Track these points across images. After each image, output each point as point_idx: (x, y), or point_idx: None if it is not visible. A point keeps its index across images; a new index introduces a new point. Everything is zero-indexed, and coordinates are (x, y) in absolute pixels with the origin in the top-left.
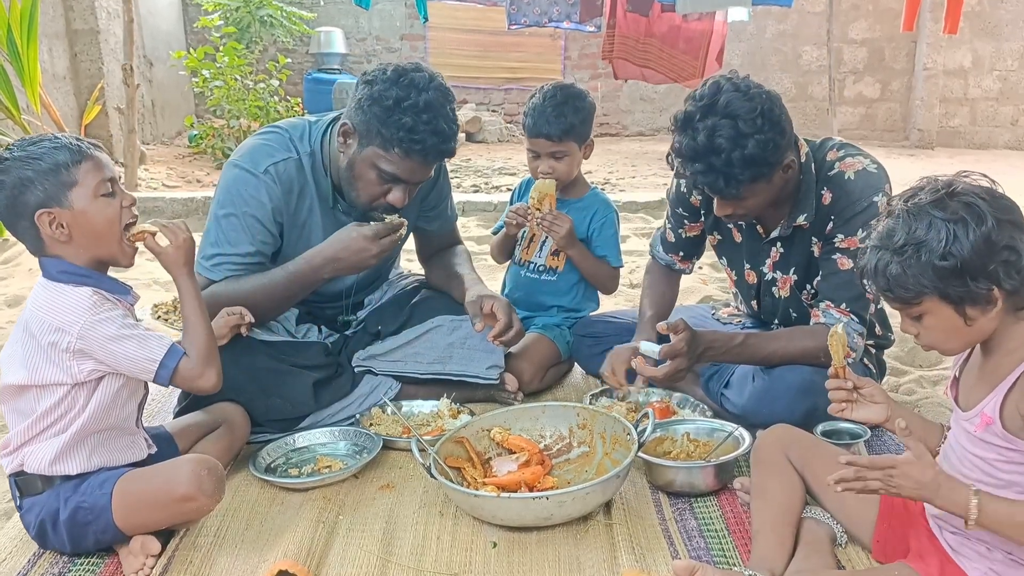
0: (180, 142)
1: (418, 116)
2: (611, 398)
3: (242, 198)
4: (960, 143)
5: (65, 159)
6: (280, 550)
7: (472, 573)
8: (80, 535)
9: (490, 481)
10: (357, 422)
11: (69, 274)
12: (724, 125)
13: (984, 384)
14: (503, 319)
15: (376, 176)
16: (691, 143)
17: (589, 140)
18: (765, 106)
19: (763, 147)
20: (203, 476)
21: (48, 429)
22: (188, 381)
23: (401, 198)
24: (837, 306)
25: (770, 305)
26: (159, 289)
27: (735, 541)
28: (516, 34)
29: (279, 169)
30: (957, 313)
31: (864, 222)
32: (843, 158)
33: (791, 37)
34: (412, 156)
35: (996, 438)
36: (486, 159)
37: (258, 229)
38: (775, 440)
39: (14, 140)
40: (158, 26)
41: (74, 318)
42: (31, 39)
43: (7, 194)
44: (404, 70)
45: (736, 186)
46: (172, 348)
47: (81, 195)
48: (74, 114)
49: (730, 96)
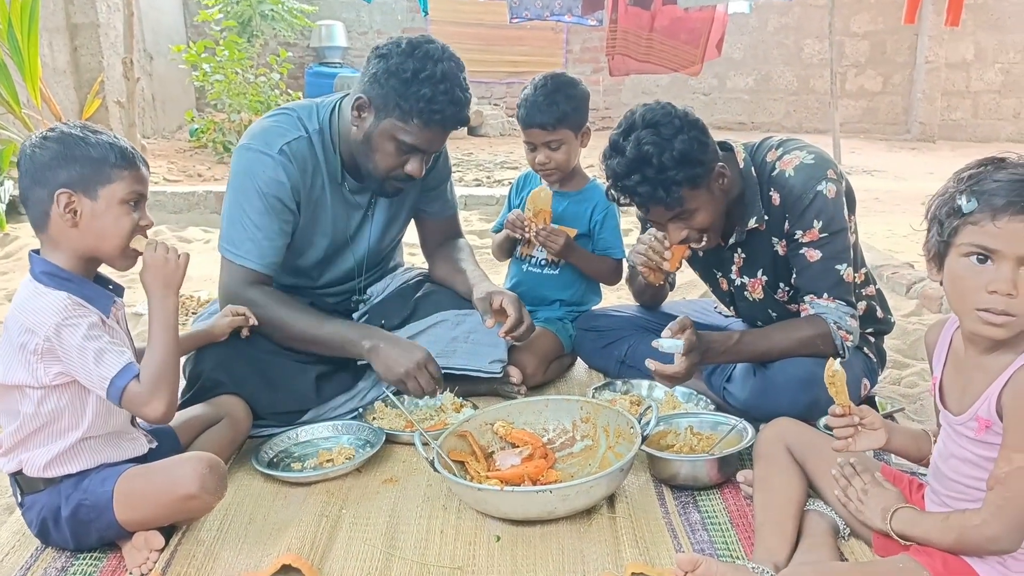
0: (181, 136)
1: (436, 87)
2: (614, 392)
3: (262, 179)
4: (962, 136)
5: (114, 158)
6: (283, 544)
7: (476, 567)
8: (83, 532)
9: (493, 475)
10: (360, 416)
11: (51, 276)
12: (646, 134)
13: (978, 384)
14: (514, 315)
15: (395, 147)
16: (621, 161)
17: (585, 128)
18: (680, 112)
19: (689, 144)
20: (205, 474)
21: (41, 432)
22: (135, 406)
23: (418, 168)
24: (820, 296)
25: (747, 309)
26: None
27: (738, 534)
28: (518, 28)
29: (293, 148)
30: None
31: (816, 213)
32: (781, 156)
33: (793, 30)
34: (432, 126)
35: (998, 437)
36: (488, 153)
37: (280, 209)
38: (777, 433)
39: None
40: (159, 20)
41: (44, 320)
42: (32, 33)
43: (43, 161)
44: (417, 42)
45: (676, 190)
46: (127, 368)
47: (109, 195)
48: (74, 108)
49: (643, 111)
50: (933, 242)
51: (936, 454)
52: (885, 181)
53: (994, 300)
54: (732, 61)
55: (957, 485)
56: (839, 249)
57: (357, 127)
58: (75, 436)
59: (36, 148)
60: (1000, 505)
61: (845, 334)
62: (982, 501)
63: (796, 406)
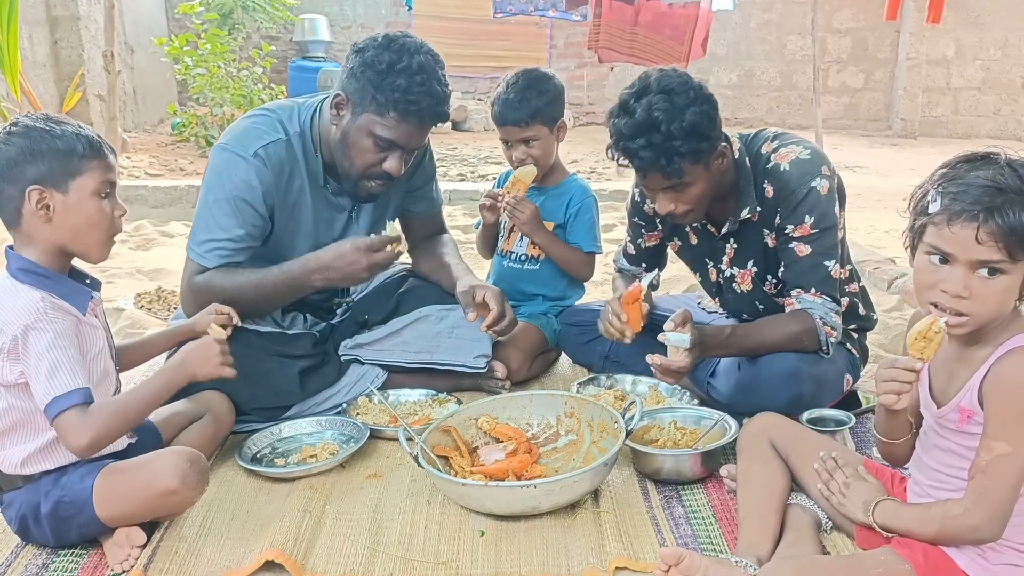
0: (163, 130)
1: (411, 78)
2: (598, 387)
3: (232, 182)
4: (943, 132)
5: (82, 149)
6: (266, 540)
7: (460, 562)
8: (63, 529)
9: (477, 470)
10: (344, 411)
11: (27, 272)
12: (659, 100)
13: (960, 376)
14: (496, 308)
15: (372, 143)
16: (629, 122)
17: (561, 122)
18: (695, 83)
19: (700, 117)
20: (185, 469)
21: (15, 429)
22: (64, 430)
23: (397, 166)
24: (807, 291)
25: (734, 300)
26: (142, 278)
27: (722, 528)
28: (502, 22)
29: (268, 151)
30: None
31: (808, 208)
32: (777, 149)
33: (776, 26)
34: (408, 118)
35: (979, 427)
36: (472, 148)
37: (248, 212)
38: (760, 428)
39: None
40: (139, 12)
41: (14, 320)
42: (12, 26)
43: (10, 157)
44: (394, 36)
45: (678, 161)
46: (74, 392)
47: (80, 187)
48: (55, 101)
49: (660, 75)
50: (908, 234)
51: (919, 446)
52: (866, 177)
53: (945, 299)
54: (715, 57)
55: (940, 475)
56: (829, 245)
57: (336, 125)
58: (51, 433)
59: (1, 144)
60: (981, 493)
61: (830, 330)
62: (963, 491)
63: (779, 400)
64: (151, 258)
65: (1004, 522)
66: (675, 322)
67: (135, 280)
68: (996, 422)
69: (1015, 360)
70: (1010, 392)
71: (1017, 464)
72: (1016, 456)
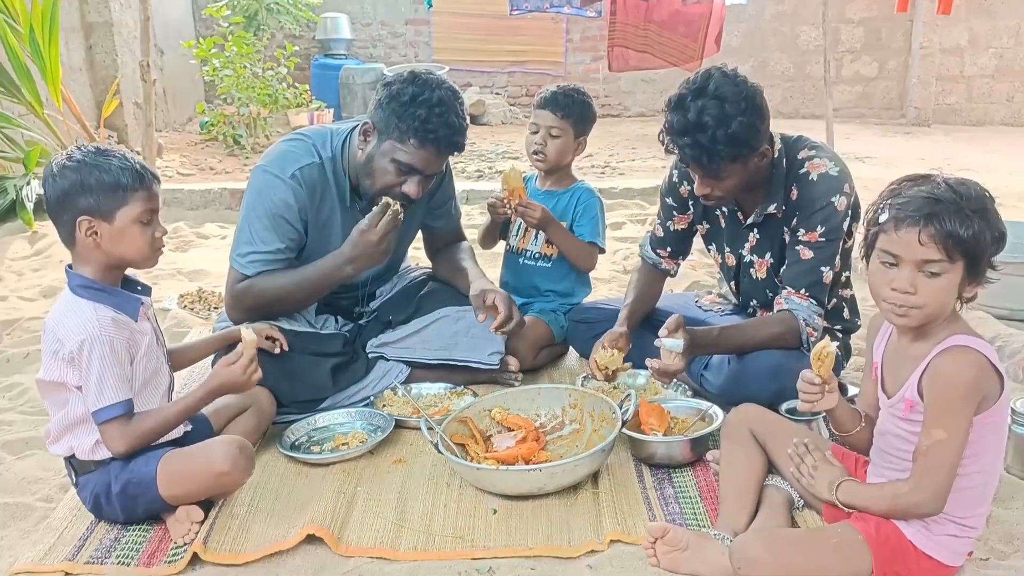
0: (191, 128)
1: (431, 109)
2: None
3: (271, 200)
4: (956, 120)
5: (127, 181)
6: (307, 517)
7: (475, 536)
8: (131, 506)
9: (491, 456)
10: (371, 404)
11: (85, 288)
12: (712, 106)
13: (905, 370)
14: (504, 311)
15: (394, 167)
16: (681, 119)
17: (583, 139)
18: (749, 93)
19: (745, 128)
20: (235, 454)
21: (85, 421)
22: (106, 437)
23: (415, 190)
24: (797, 291)
25: (749, 286)
26: (183, 279)
27: (706, 506)
28: (519, 18)
29: (304, 174)
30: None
31: (822, 219)
32: (812, 158)
33: (789, 17)
34: (426, 145)
35: (921, 415)
36: (490, 142)
37: (286, 228)
38: (742, 417)
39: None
40: (168, 14)
41: (72, 335)
42: (53, 36)
43: (63, 189)
44: (419, 72)
45: (718, 162)
46: (117, 404)
47: (124, 216)
48: (91, 105)
49: (719, 81)
50: (863, 246)
51: (876, 431)
52: (875, 168)
53: (895, 296)
54: (729, 48)
55: (891, 458)
56: (829, 254)
57: (362, 150)
58: None
59: (56, 177)
60: (923, 474)
61: (811, 330)
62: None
63: (765, 393)
64: (190, 259)
65: (944, 498)
66: (669, 328)
67: (176, 281)
68: (933, 411)
69: (949, 358)
70: (944, 385)
71: (953, 448)
72: (951, 441)
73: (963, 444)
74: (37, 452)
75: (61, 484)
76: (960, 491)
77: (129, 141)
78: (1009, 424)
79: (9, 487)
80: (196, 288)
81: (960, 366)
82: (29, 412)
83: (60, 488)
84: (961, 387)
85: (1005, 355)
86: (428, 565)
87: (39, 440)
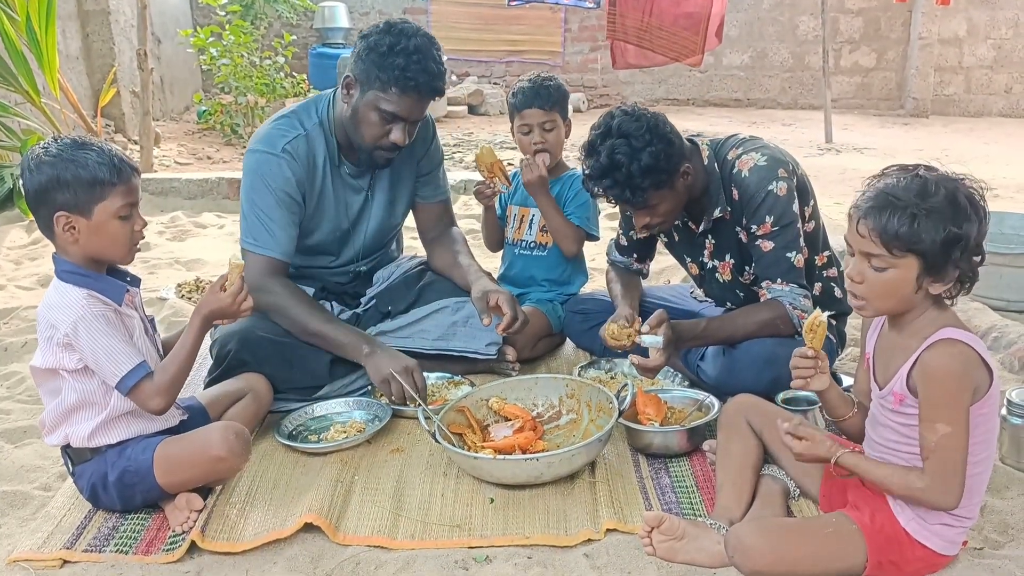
0: (189, 118)
1: (409, 58)
2: (599, 370)
3: (271, 175)
4: (955, 111)
5: (104, 176)
6: (305, 506)
7: (472, 525)
8: (128, 494)
9: (488, 445)
10: (369, 393)
11: (71, 273)
12: (620, 144)
13: (895, 362)
14: (509, 313)
15: (378, 117)
16: (596, 164)
17: (568, 120)
18: (651, 123)
19: (655, 157)
20: (231, 439)
21: (79, 409)
22: (142, 400)
23: (401, 137)
24: (775, 281)
25: (717, 290)
26: (181, 268)
27: (703, 496)
28: (517, 8)
29: (294, 146)
30: (915, 279)
31: (768, 209)
32: (740, 156)
33: (788, 7)
34: (408, 93)
35: (911, 408)
36: (488, 132)
37: (288, 201)
38: (737, 407)
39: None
40: (165, 3)
41: (64, 317)
42: (50, 25)
43: (41, 184)
44: (394, 22)
45: (641, 194)
46: (138, 367)
47: (102, 211)
48: (88, 94)
49: (621, 119)
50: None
51: (868, 422)
52: (873, 159)
53: (849, 284)
54: (728, 38)
55: (883, 448)
56: (789, 239)
57: (347, 103)
58: (110, 410)
59: (33, 171)
60: (937, 472)
61: (800, 312)
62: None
63: (760, 382)
64: (187, 248)
65: (961, 490)
66: (651, 324)
67: (174, 270)
68: (930, 406)
69: (938, 351)
70: (937, 380)
71: (960, 440)
72: (956, 434)
73: (967, 434)
74: (35, 440)
75: (59, 472)
76: None
77: (126, 130)
78: (1005, 415)
79: (7, 475)
80: (194, 277)
81: (949, 359)
82: (27, 401)
83: (58, 476)
84: (953, 379)
85: (1001, 346)
86: (425, 554)
87: (37, 429)
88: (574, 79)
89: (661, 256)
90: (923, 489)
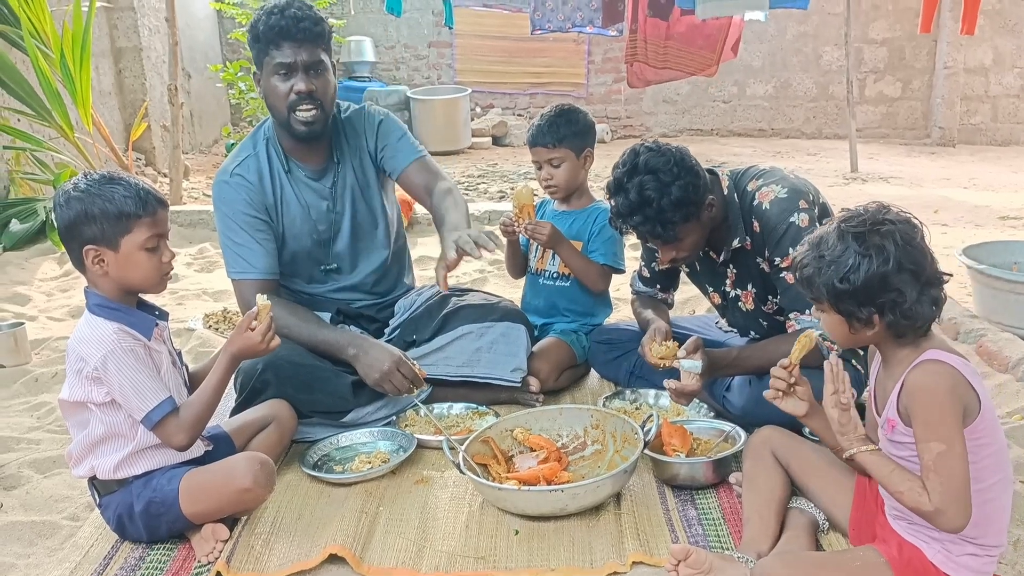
0: (217, 150)
1: (270, 16)
2: (623, 401)
3: (227, 201)
4: (982, 140)
5: (131, 209)
6: (329, 537)
7: (497, 557)
8: (154, 525)
9: (513, 476)
10: (394, 423)
11: (102, 307)
12: (648, 180)
13: (887, 391)
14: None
15: (277, 79)
16: (625, 201)
17: (587, 151)
18: (677, 157)
19: (685, 190)
20: (257, 470)
21: (106, 441)
22: (166, 436)
23: (305, 84)
24: (803, 312)
25: (740, 319)
26: (208, 299)
27: (730, 528)
28: (540, 39)
29: (243, 168)
30: (845, 322)
31: (791, 241)
32: (760, 188)
33: (812, 38)
34: (280, 43)
35: (904, 436)
36: (512, 163)
37: (252, 220)
38: (763, 439)
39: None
40: (195, 38)
41: (95, 351)
42: (84, 61)
43: (70, 219)
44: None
45: (672, 228)
46: (164, 403)
47: (130, 243)
48: (119, 128)
49: (646, 156)
50: None
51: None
52: (899, 188)
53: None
54: (751, 68)
55: None
56: None
57: (261, 93)
58: (136, 443)
59: (63, 207)
60: (938, 491)
61: (829, 344)
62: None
63: (787, 414)
64: (215, 280)
65: (966, 509)
66: (688, 349)
67: (202, 301)
68: (922, 425)
69: (921, 370)
70: (923, 397)
71: (957, 457)
72: (952, 452)
73: (964, 452)
74: (64, 470)
75: (87, 502)
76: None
77: (157, 163)
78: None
79: (36, 505)
80: (221, 308)
81: (933, 376)
82: (56, 431)
83: (86, 506)
84: (938, 396)
85: None
86: None
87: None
88: (598, 110)
89: (686, 286)
90: (932, 512)
